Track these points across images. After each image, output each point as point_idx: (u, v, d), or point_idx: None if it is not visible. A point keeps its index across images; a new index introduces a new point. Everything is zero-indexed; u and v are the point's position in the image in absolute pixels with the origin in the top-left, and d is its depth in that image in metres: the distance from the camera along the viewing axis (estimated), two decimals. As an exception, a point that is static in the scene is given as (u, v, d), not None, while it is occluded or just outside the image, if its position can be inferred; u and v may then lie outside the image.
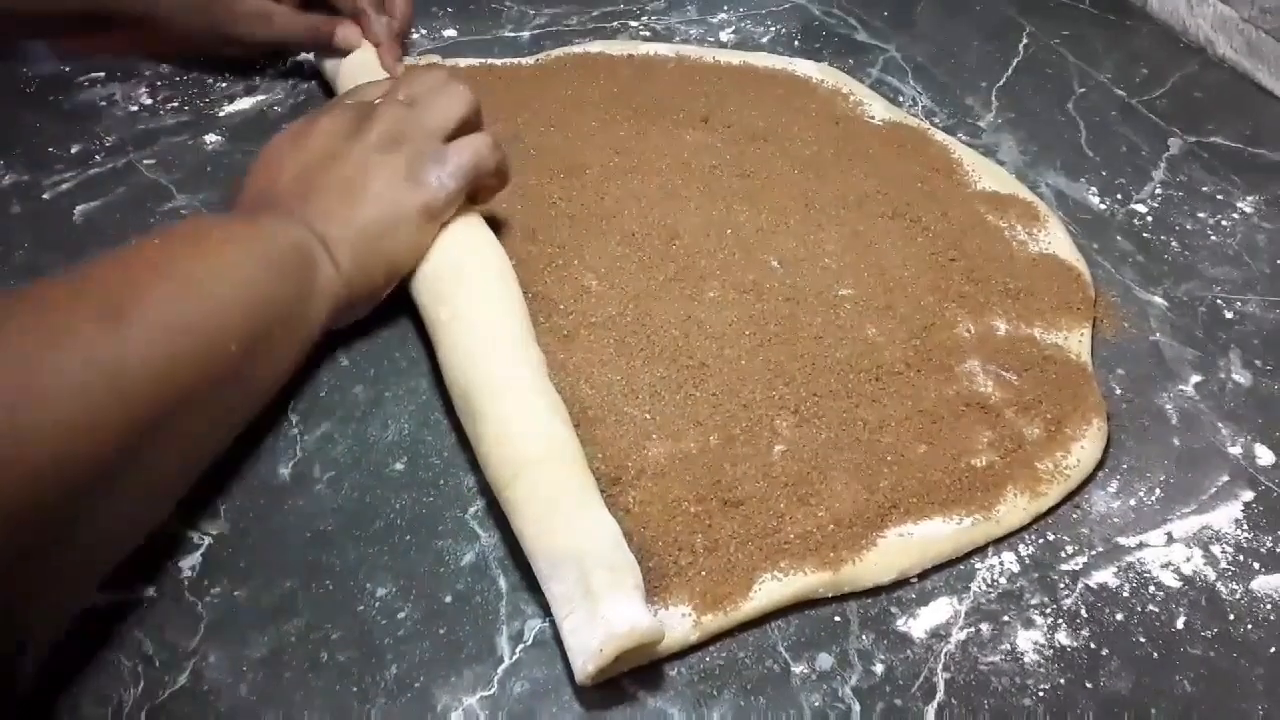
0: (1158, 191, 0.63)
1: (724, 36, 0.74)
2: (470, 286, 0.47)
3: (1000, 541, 0.43)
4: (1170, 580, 0.42)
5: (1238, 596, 0.42)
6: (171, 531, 0.41)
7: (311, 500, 0.42)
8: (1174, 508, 0.45)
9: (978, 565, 0.42)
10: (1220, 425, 0.49)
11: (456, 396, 0.44)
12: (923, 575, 0.42)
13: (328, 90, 0.64)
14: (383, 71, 0.61)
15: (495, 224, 0.52)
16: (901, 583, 0.41)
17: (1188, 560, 0.43)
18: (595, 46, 0.70)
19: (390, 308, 0.51)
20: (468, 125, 0.51)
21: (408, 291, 0.49)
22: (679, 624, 0.38)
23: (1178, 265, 0.58)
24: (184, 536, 0.41)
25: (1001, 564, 0.42)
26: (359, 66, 0.62)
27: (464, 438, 0.45)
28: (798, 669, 0.38)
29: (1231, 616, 0.41)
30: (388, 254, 0.47)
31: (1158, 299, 0.55)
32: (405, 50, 0.63)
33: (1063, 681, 0.38)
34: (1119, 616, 0.41)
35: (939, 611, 0.40)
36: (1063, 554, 0.43)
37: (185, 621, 0.38)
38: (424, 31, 0.72)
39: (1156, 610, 0.41)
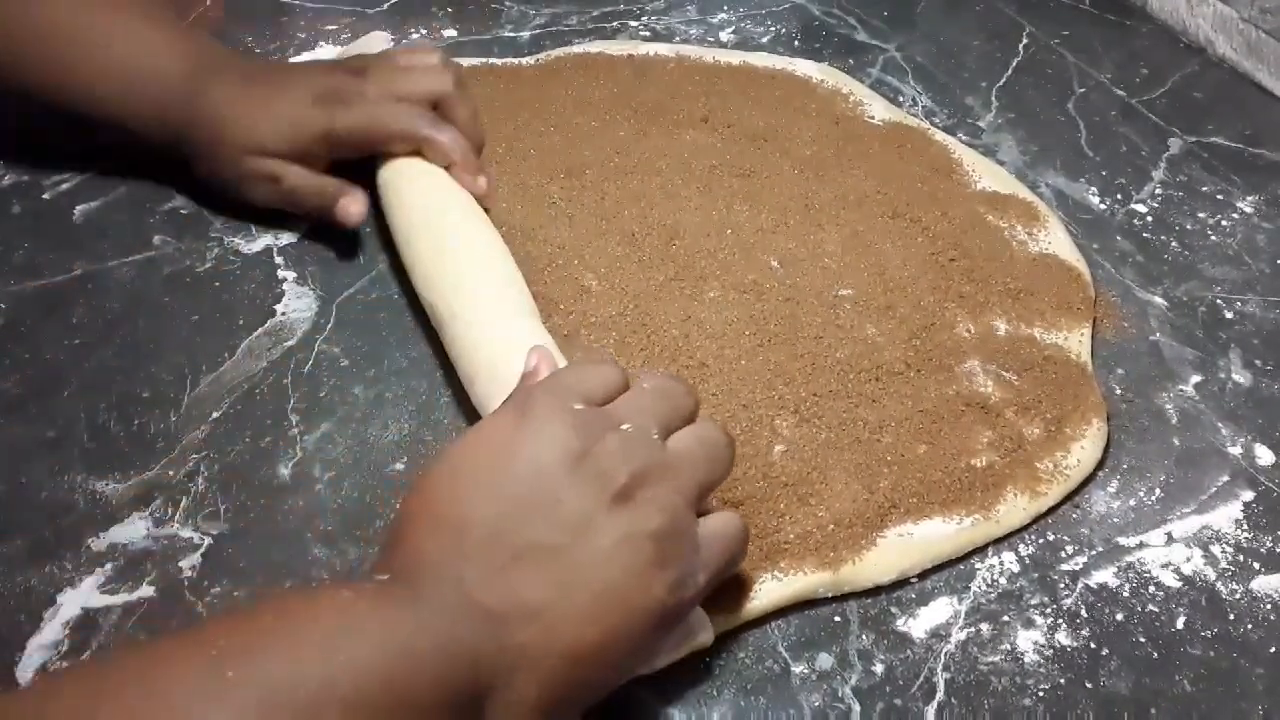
0: (1158, 191, 0.63)
1: (724, 36, 0.74)
2: (480, 294, 0.46)
3: (1000, 541, 0.43)
4: (1170, 580, 0.42)
5: (1238, 596, 0.42)
6: (172, 532, 0.41)
7: (312, 500, 0.42)
8: (1174, 508, 0.45)
9: (978, 565, 0.42)
10: (1220, 425, 0.49)
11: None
12: (923, 575, 0.42)
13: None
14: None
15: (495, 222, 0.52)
16: (901, 583, 0.41)
17: (1188, 560, 0.43)
18: (595, 46, 0.70)
19: (391, 307, 0.51)
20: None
21: (410, 285, 0.49)
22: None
23: (1178, 265, 0.58)
24: (184, 537, 0.41)
25: (1001, 564, 0.42)
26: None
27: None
28: (798, 669, 0.38)
29: (1231, 616, 0.41)
30: (599, 679, 0.33)
31: (1158, 299, 0.55)
32: (478, 168, 0.54)
33: (1063, 681, 0.38)
34: (1119, 616, 0.41)
35: (939, 611, 0.40)
36: (1063, 554, 0.43)
37: (185, 621, 0.38)
38: (424, 31, 0.72)
39: (1156, 610, 0.41)
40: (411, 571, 0.31)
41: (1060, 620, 0.40)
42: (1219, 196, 0.63)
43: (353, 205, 0.52)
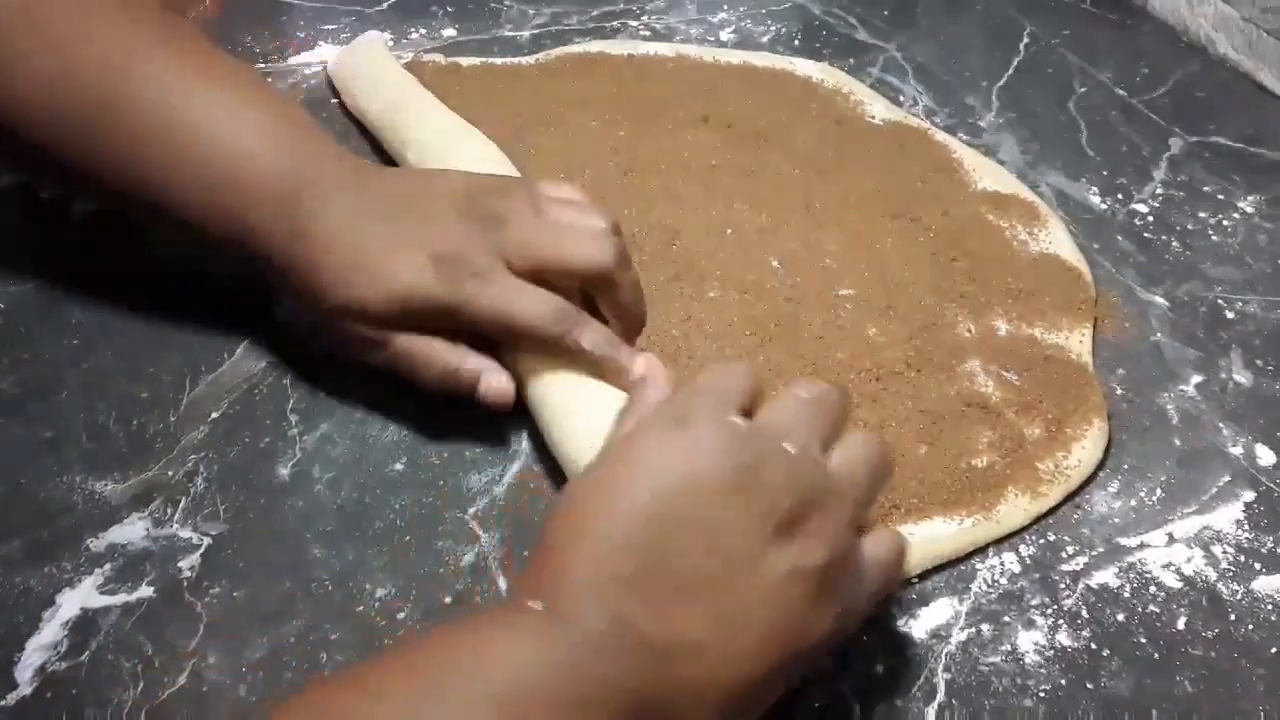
0: (1158, 191, 0.63)
1: (724, 36, 0.74)
2: None
3: (1001, 542, 0.43)
4: (1171, 581, 0.42)
5: (1239, 597, 0.42)
6: (171, 532, 0.41)
7: (311, 501, 0.42)
8: (1175, 508, 0.45)
9: (978, 565, 0.42)
10: (1221, 425, 0.49)
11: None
12: (923, 575, 0.41)
13: (331, 87, 0.64)
14: (389, 80, 0.61)
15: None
16: (902, 583, 0.41)
17: (1188, 561, 0.43)
18: (595, 46, 0.70)
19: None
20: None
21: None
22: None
23: (1179, 265, 0.58)
24: (183, 537, 0.41)
25: (1002, 564, 0.42)
26: (366, 71, 0.62)
27: (463, 438, 0.45)
28: (798, 670, 0.38)
29: (1232, 617, 0.41)
30: (762, 704, 0.32)
31: (1159, 299, 0.55)
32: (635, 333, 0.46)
33: (1063, 682, 0.38)
34: (1120, 617, 0.41)
35: (939, 611, 0.40)
36: (1063, 554, 0.43)
37: (185, 622, 0.38)
38: (424, 31, 0.72)
39: (1157, 611, 0.41)
40: (567, 598, 0.29)
41: (1061, 621, 0.40)
42: (1220, 196, 0.62)
43: (500, 380, 0.43)
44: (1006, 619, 0.40)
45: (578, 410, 0.42)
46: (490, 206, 0.43)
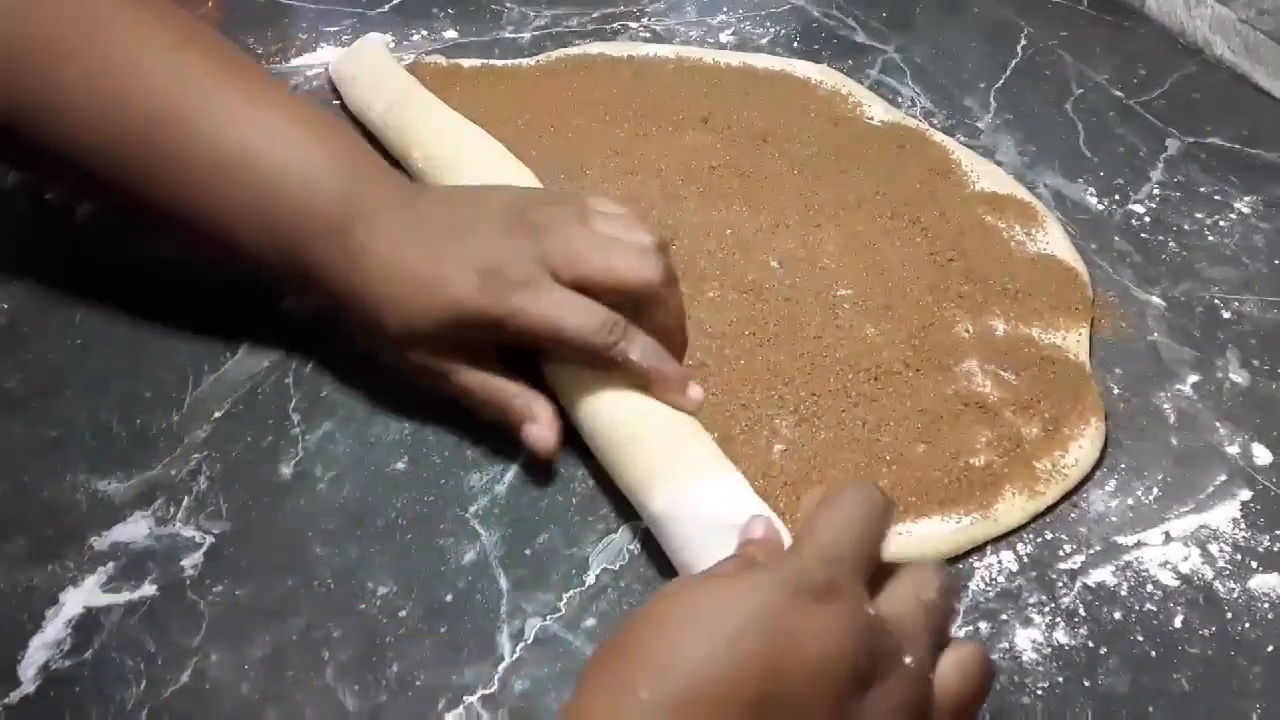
0: (1155, 192, 0.63)
1: (724, 38, 0.75)
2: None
3: (999, 540, 0.43)
4: (1168, 579, 0.42)
5: (1235, 595, 0.42)
6: (174, 531, 0.41)
7: (313, 499, 0.42)
8: (1172, 507, 0.45)
9: (976, 564, 0.42)
10: (1218, 425, 0.49)
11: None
12: (922, 574, 0.42)
13: (332, 88, 0.65)
14: (391, 81, 0.61)
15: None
16: (900, 581, 0.41)
17: (1185, 559, 0.43)
18: (595, 48, 0.70)
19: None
20: None
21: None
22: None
23: (1175, 265, 0.58)
24: (186, 536, 0.41)
25: (1000, 563, 0.42)
26: (368, 72, 0.62)
27: (464, 437, 0.45)
28: (797, 667, 0.38)
29: (1229, 615, 0.41)
30: None
31: (1155, 299, 0.55)
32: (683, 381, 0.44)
33: (1061, 680, 0.39)
34: (1117, 615, 0.41)
35: (938, 610, 0.41)
36: (1061, 553, 0.43)
37: (187, 620, 0.38)
38: (425, 33, 0.72)
39: (1154, 609, 0.41)
40: None
41: (1058, 619, 0.41)
42: (1217, 197, 0.63)
43: (543, 432, 0.43)
44: (1004, 617, 0.41)
45: (635, 438, 0.41)
46: (537, 218, 0.43)
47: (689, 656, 0.27)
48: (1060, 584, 0.42)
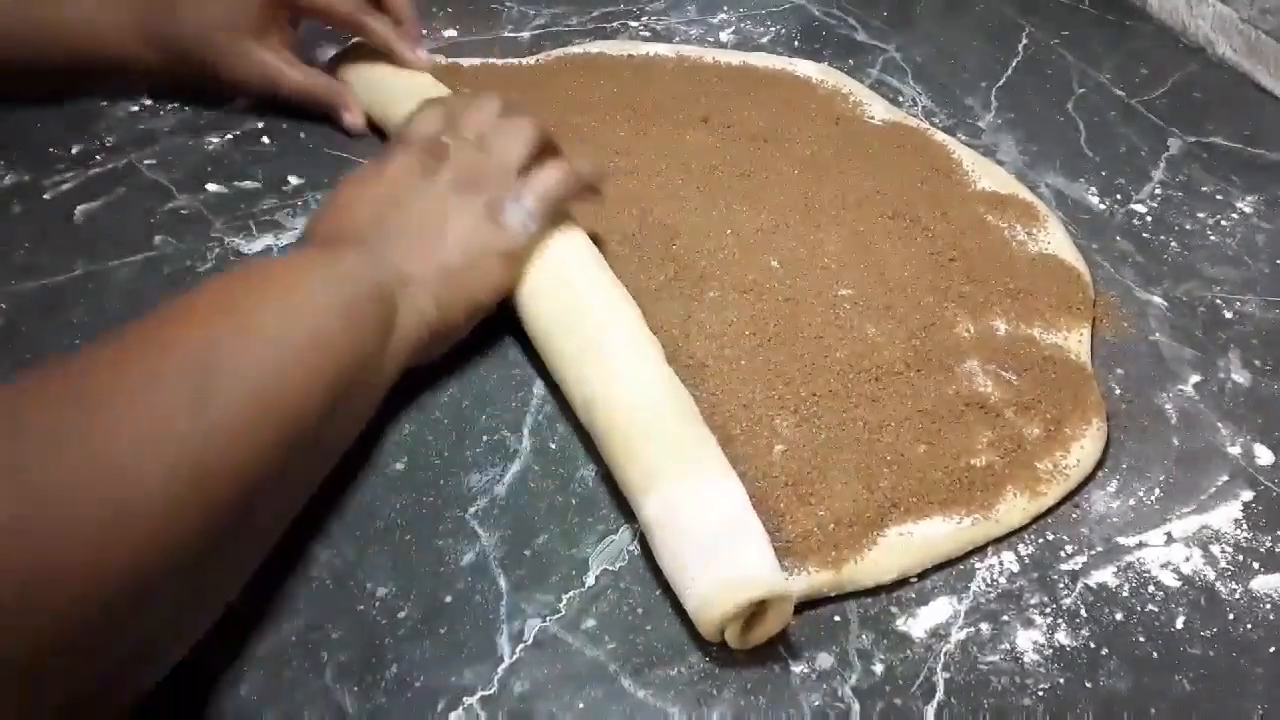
0: (1157, 191, 0.63)
1: (724, 37, 0.74)
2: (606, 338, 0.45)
3: (1000, 541, 0.43)
4: (1170, 580, 0.42)
5: (1237, 596, 0.42)
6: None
7: (312, 499, 0.42)
8: (1173, 507, 0.45)
9: (977, 565, 0.42)
10: (1220, 425, 0.49)
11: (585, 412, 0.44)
12: (922, 575, 0.42)
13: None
14: (401, 81, 0.61)
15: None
16: (901, 582, 0.41)
17: (1187, 560, 0.43)
18: (595, 47, 0.70)
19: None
20: (543, 151, 0.50)
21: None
22: (679, 623, 0.38)
23: (1177, 265, 0.58)
24: (184, 536, 0.41)
25: (1001, 563, 0.42)
26: (369, 78, 0.62)
27: (464, 438, 0.45)
28: (797, 669, 0.38)
29: (1231, 616, 0.41)
30: (470, 293, 0.45)
31: (1157, 299, 0.55)
32: (417, 38, 0.63)
33: (1062, 681, 0.38)
34: (1118, 616, 0.41)
35: (939, 611, 0.40)
36: (1062, 554, 0.43)
37: (186, 621, 0.38)
38: (424, 32, 0.71)
39: (1156, 610, 0.41)
40: (323, 246, 0.44)
41: (1060, 620, 0.40)
42: (1218, 197, 0.63)
43: (355, 119, 0.61)
44: (1005, 618, 0.40)
45: (641, 435, 0.42)
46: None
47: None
48: (1062, 585, 0.42)
